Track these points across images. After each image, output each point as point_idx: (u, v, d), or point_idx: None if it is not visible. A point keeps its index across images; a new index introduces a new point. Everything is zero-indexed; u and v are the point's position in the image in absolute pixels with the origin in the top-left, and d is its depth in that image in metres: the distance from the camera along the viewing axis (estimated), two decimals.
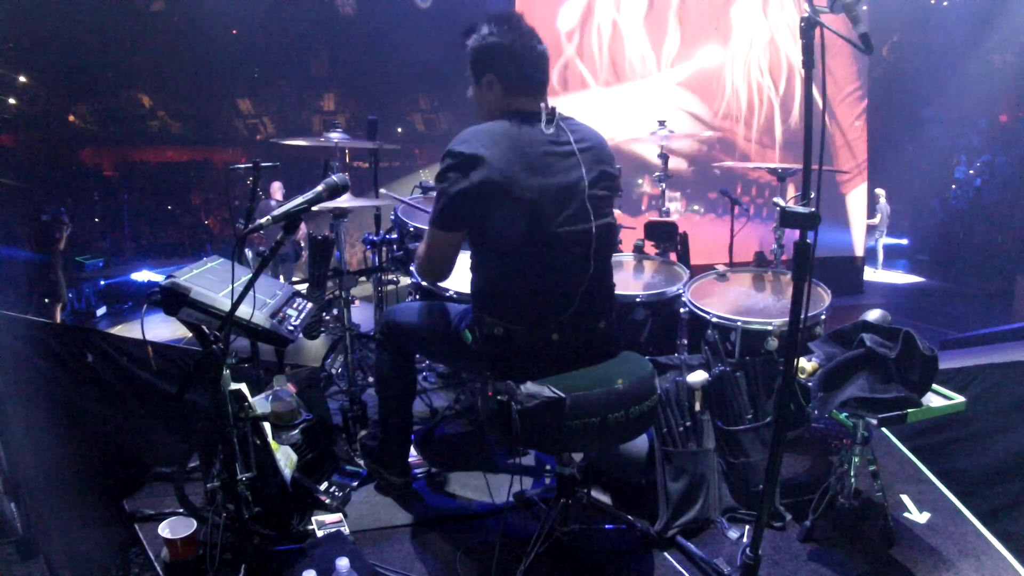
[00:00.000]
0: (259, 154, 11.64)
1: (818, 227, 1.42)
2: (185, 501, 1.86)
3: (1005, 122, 12.55)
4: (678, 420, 2.16)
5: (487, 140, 1.61)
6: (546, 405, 1.55)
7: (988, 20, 11.06)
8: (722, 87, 8.21)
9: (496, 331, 1.69)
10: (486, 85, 1.75)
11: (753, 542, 1.61)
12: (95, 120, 12.60)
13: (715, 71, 8.12)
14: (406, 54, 10.81)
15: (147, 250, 11.38)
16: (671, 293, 2.62)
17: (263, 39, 11.01)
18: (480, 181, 1.58)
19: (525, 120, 1.67)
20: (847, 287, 8.61)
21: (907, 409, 1.84)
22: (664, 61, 8.07)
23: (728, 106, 8.25)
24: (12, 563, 1.51)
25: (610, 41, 7.95)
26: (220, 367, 1.53)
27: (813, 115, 1.44)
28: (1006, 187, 11.70)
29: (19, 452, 1.73)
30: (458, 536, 2.04)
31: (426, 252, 1.79)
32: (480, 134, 1.63)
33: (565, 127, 1.72)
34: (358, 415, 2.59)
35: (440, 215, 1.67)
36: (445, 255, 1.76)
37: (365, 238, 3.00)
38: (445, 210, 1.66)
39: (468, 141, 1.62)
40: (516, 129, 1.65)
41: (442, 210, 1.66)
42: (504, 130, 1.65)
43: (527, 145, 1.63)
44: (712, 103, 8.21)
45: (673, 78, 8.14)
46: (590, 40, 7.90)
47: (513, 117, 1.68)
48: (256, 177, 2.49)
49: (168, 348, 2.64)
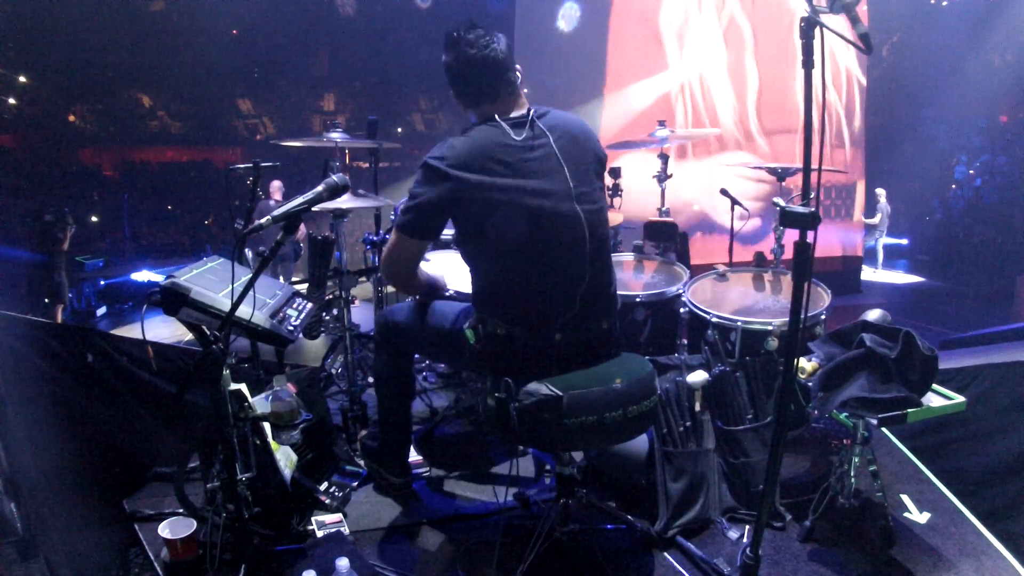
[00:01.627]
0: (259, 154, 11.64)
1: (817, 227, 1.43)
2: (185, 501, 1.85)
3: (1005, 122, 12.56)
4: (678, 420, 2.16)
5: (459, 151, 1.64)
6: (543, 403, 1.55)
7: (988, 20, 11.07)
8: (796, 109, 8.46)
9: (499, 331, 1.69)
10: (459, 98, 1.79)
11: (753, 542, 1.61)
12: (95, 120, 12.61)
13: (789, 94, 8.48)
14: (406, 54, 10.82)
15: (147, 250, 11.38)
16: (671, 293, 2.62)
17: (263, 39, 11.03)
18: (446, 193, 1.62)
19: (496, 126, 1.69)
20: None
21: (907, 409, 1.83)
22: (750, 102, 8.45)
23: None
24: (12, 563, 1.51)
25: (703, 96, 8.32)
26: (220, 367, 1.53)
27: (814, 115, 1.44)
28: (1006, 187, 11.71)
29: (19, 452, 1.73)
30: (458, 536, 2.04)
31: (388, 253, 1.83)
32: (453, 146, 1.66)
33: (542, 125, 1.72)
34: (358, 415, 2.59)
35: (406, 221, 1.71)
36: (405, 260, 1.82)
37: (365, 238, 3.00)
38: (411, 217, 1.70)
39: (440, 153, 1.65)
40: (489, 136, 1.67)
41: (408, 217, 1.70)
42: (477, 138, 1.67)
43: (500, 150, 1.64)
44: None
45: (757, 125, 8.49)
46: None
47: (486, 124, 1.71)
48: (256, 177, 2.49)
49: (168, 348, 2.64)
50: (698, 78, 8.34)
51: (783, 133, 8.58)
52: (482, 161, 1.62)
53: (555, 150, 1.69)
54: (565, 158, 1.70)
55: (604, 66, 8.34)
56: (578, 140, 1.76)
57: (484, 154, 1.63)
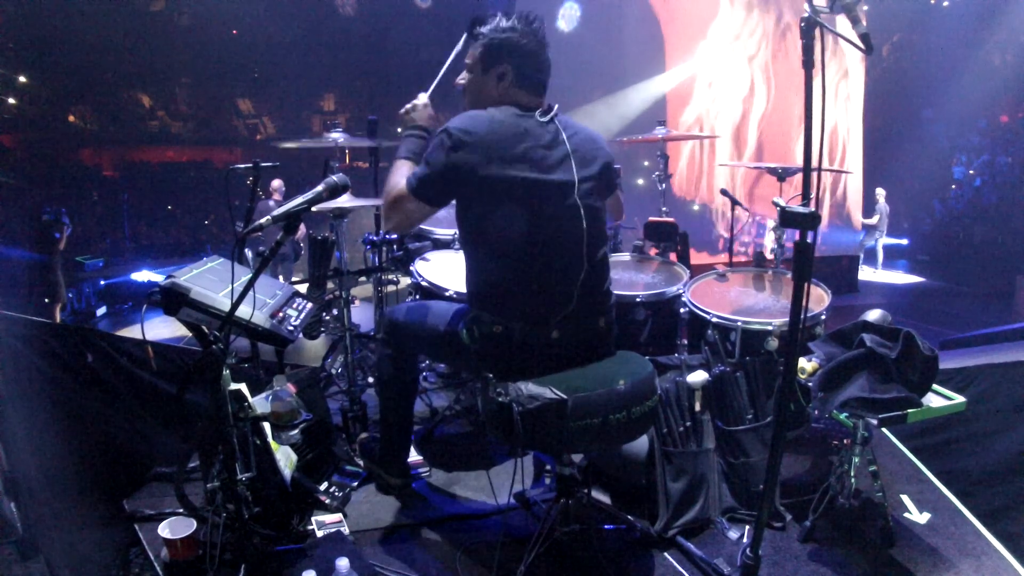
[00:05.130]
0: (259, 154, 11.64)
1: (818, 227, 1.43)
2: (185, 501, 1.85)
3: (1005, 122, 12.56)
4: (678, 420, 2.16)
5: (482, 125, 1.65)
6: (548, 406, 1.54)
7: (988, 20, 11.08)
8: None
9: (495, 329, 1.69)
10: (496, 75, 1.78)
11: (753, 542, 1.61)
12: (95, 120, 12.60)
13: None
14: (406, 54, 10.81)
15: (147, 250, 11.38)
16: (671, 293, 2.62)
17: (263, 39, 11.02)
18: (461, 162, 1.62)
19: (525, 113, 1.72)
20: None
21: (907, 409, 1.83)
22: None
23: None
24: (12, 563, 1.51)
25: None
26: (220, 367, 1.53)
27: (814, 115, 1.44)
28: (1006, 187, 11.70)
29: (19, 452, 1.73)
30: (458, 536, 2.04)
31: (392, 202, 1.77)
32: (478, 119, 1.67)
33: (560, 124, 1.76)
34: (358, 415, 2.59)
35: (418, 184, 1.69)
36: (407, 217, 1.78)
37: (365, 238, 3.00)
38: (423, 182, 1.68)
39: (463, 125, 1.65)
40: (514, 119, 1.70)
41: (420, 180, 1.69)
42: (503, 118, 1.69)
43: (521, 135, 1.67)
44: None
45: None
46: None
47: (513, 109, 1.73)
48: (256, 177, 2.49)
49: (168, 348, 2.63)
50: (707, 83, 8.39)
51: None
52: (502, 143, 1.63)
53: (568, 146, 1.72)
54: (575, 153, 1.73)
55: (605, 66, 8.37)
56: (591, 140, 1.81)
57: (506, 137, 1.65)
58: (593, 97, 8.35)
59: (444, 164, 1.64)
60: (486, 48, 1.78)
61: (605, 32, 8.36)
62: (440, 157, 1.65)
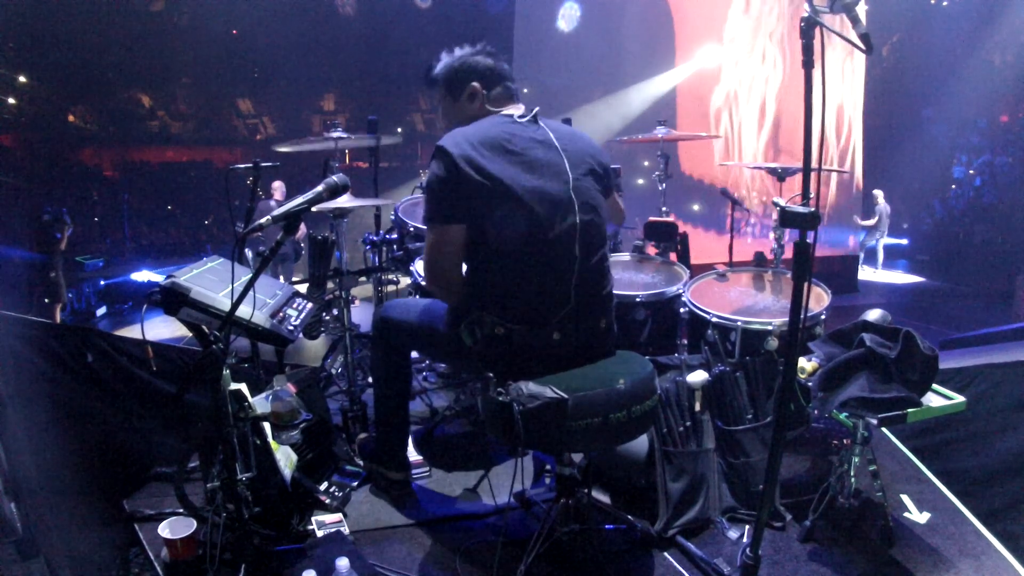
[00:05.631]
0: (259, 154, 11.63)
1: (818, 227, 1.42)
2: (185, 501, 1.86)
3: (1005, 122, 12.55)
4: (678, 420, 2.16)
5: (468, 130, 1.70)
6: (548, 406, 1.54)
7: (988, 20, 11.07)
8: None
9: (497, 331, 1.69)
10: (468, 97, 1.85)
11: (753, 542, 1.61)
12: (95, 120, 12.59)
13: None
14: (406, 54, 10.80)
15: (147, 250, 11.37)
16: (671, 293, 2.62)
17: (263, 39, 11.00)
18: (453, 171, 1.64)
19: (507, 119, 1.77)
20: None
21: (907, 409, 1.83)
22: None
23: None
24: (12, 563, 1.51)
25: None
26: (220, 367, 1.53)
27: (814, 115, 1.44)
28: (1006, 187, 11.70)
29: (19, 452, 1.73)
30: (458, 536, 2.04)
31: (427, 253, 1.76)
32: (464, 131, 1.71)
33: (546, 126, 1.79)
34: (358, 415, 2.59)
35: (430, 207, 1.71)
36: (443, 253, 1.72)
37: (365, 238, 3.00)
38: (433, 204, 1.70)
39: (449, 138, 1.69)
40: (499, 121, 1.75)
41: (431, 206, 1.71)
42: (487, 124, 1.73)
43: (508, 136, 1.70)
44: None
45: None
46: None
47: (496, 116, 1.79)
48: (256, 177, 2.49)
49: (168, 348, 2.64)
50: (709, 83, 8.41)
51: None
52: (490, 143, 1.67)
53: (556, 142, 1.75)
54: (565, 150, 1.75)
55: (605, 66, 8.35)
56: (578, 138, 1.84)
57: (492, 137, 1.68)
58: (594, 97, 8.33)
59: (444, 172, 1.65)
60: (447, 80, 1.87)
61: (606, 31, 8.34)
62: (438, 171, 1.67)
